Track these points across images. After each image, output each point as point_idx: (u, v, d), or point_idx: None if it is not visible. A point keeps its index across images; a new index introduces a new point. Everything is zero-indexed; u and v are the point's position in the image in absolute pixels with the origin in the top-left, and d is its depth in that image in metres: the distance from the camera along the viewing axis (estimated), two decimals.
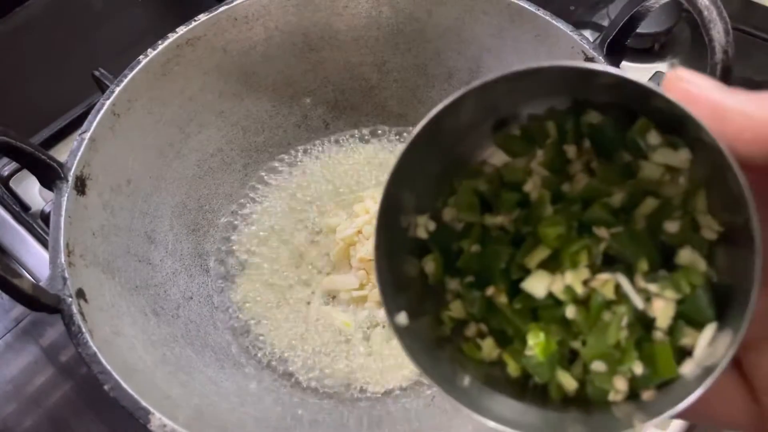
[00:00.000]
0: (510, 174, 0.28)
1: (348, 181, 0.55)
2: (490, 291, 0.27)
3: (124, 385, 0.36)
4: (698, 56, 0.65)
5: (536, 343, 0.25)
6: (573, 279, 0.25)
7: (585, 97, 0.27)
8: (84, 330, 0.37)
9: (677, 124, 0.23)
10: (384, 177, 0.50)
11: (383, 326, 0.49)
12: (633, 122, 0.26)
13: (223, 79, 0.52)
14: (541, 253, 0.26)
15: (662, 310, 0.24)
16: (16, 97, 0.68)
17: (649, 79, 0.57)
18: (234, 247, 0.53)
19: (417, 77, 0.55)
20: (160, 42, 0.48)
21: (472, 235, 0.28)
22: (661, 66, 0.65)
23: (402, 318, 0.26)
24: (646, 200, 0.26)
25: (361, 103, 0.57)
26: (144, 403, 0.36)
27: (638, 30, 0.45)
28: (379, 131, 0.58)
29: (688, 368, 0.23)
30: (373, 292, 0.49)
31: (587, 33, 0.67)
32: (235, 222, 0.54)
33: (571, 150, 0.27)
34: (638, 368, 0.24)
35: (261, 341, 0.49)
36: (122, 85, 0.46)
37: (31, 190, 0.61)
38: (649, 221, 0.26)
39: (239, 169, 0.55)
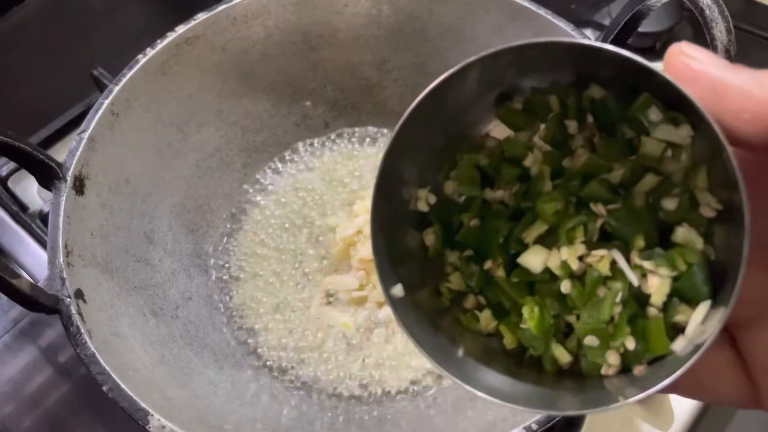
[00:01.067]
0: (511, 148, 0.28)
1: (348, 180, 0.55)
2: (488, 264, 0.27)
3: (123, 386, 0.36)
4: None
5: (531, 317, 0.26)
6: (569, 254, 0.26)
7: (588, 71, 0.26)
8: (82, 330, 0.37)
9: (679, 101, 0.23)
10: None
11: (384, 327, 0.48)
12: (636, 97, 0.25)
13: (222, 78, 0.52)
14: (539, 228, 0.26)
15: (657, 287, 0.24)
16: (14, 97, 0.68)
17: None
18: (233, 248, 0.53)
19: (417, 76, 0.55)
20: (159, 41, 0.48)
21: (472, 208, 0.28)
22: (662, 65, 0.64)
23: (398, 290, 0.26)
24: (646, 176, 0.26)
25: (361, 102, 0.57)
26: (143, 404, 0.36)
27: (639, 29, 0.44)
28: (380, 130, 0.58)
29: (679, 345, 0.23)
30: (374, 293, 0.49)
31: (588, 32, 0.66)
32: (235, 222, 0.54)
33: (572, 125, 0.27)
34: (630, 343, 0.24)
35: (260, 342, 0.49)
36: (121, 84, 0.46)
37: (29, 190, 0.61)
38: (647, 198, 0.26)
39: (238, 168, 0.55)
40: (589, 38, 0.46)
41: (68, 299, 0.38)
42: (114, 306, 0.42)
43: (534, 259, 0.26)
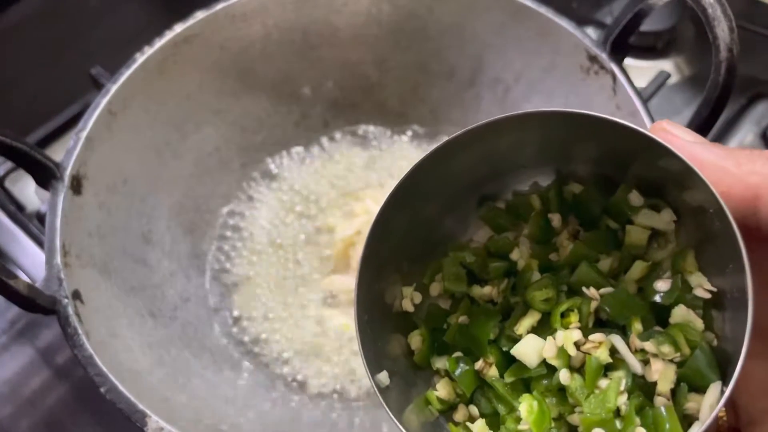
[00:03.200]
0: (497, 245, 0.28)
1: (347, 180, 0.55)
2: (479, 365, 0.26)
3: (121, 388, 0.36)
4: (702, 54, 0.65)
5: (530, 412, 0.24)
6: (565, 340, 0.24)
7: (567, 169, 0.27)
8: (80, 332, 0.37)
9: (660, 188, 0.24)
10: (384, 178, 0.49)
11: None
12: (614, 191, 0.26)
13: (220, 77, 0.51)
14: (531, 319, 0.25)
15: (662, 373, 0.23)
16: (11, 96, 0.68)
17: (653, 79, 0.56)
18: (232, 248, 0.52)
19: (418, 75, 0.54)
20: (157, 40, 0.47)
21: (460, 307, 0.27)
22: (664, 64, 0.64)
23: (383, 377, 0.25)
24: (634, 264, 0.26)
25: (360, 101, 0.56)
26: (141, 406, 0.36)
27: (641, 28, 0.44)
28: (380, 130, 0.57)
29: None
30: None
31: (589, 30, 0.66)
32: (233, 222, 0.54)
33: (555, 218, 0.28)
34: None
35: (259, 343, 0.48)
36: (119, 83, 0.45)
37: (26, 189, 0.60)
38: (639, 283, 0.25)
39: (237, 168, 0.55)
40: (590, 38, 0.46)
41: (66, 300, 0.38)
42: (112, 307, 0.41)
43: (528, 349, 0.25)
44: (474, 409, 0.26)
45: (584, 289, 0.25)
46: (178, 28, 0.48)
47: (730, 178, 0.21)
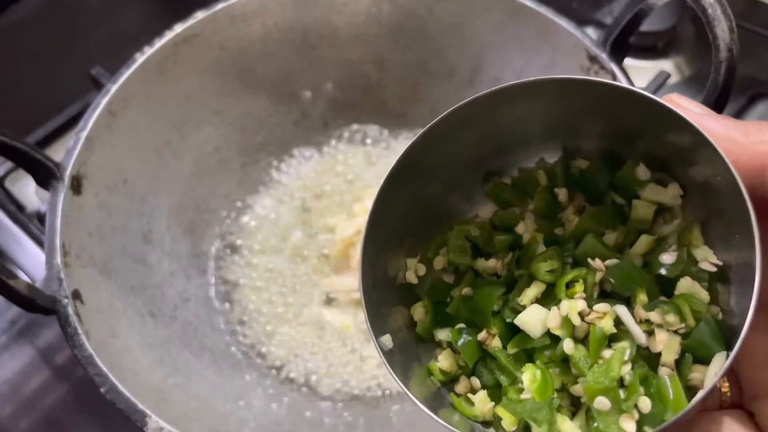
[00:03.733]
0: (502, 218, 0.28)
1: (347, 180, 0.55)
2: (482, 336, 0.26)
3: (121, 388, 0.36)
4: (702, 54, 0.65)
5: (533, 380, 0.24)
6: (569, 309, 0.24)
7: (574, 144, 0.27)
8: (80, 331, 0.37)
9: (667, 163, 0.24)
10: (384, 177, 0.49)
11: None
12: (620, 167, 0.26)
13: (220, 77, 0.51)
14: (535, 290, 0.25)
15: (666, 343, 0.23)
16: (11, 96, 0.68)
17: (653, 79, 0.56)
18: (232, 248, 0.52)
19: (418, 75, 0.54)
20: (157, 40, 0.47)
21: (465, 279, 0.27)
22: (664, 64, 0.64)
23: (386, 340, 0.25)
24: (640, 238, 0.26)
25: (360, 101, 0.56)
26: (141, 406, 0.36)
27: (641, 28, 0.44)
28: (380, 130, 0.57)
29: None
30: None
31: (589, 30, 0.66)
32: (233, 222, 0.54)
33: (562, 193, 0.27)
34: (645, 404, 0.22)
35: (259, 343, 0.48)
36: (119, 83, 0.45)
37: (26, 189, 0.60)
38: (645, 256, 0.25)
39: (237, 168, 0.55)
40: (590, 38, 0.46)
41: (66, 300, 0.38)
42: (112, 307, 0.41)
43: (532, 319, 0.24)
44: (476, 381, 0.26)
45: (589, 260, 0.25)
46: (178, 28, 0.48)
47: (738, 148, 0.21)
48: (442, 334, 0.27)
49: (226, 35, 0.50)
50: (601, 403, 0.23)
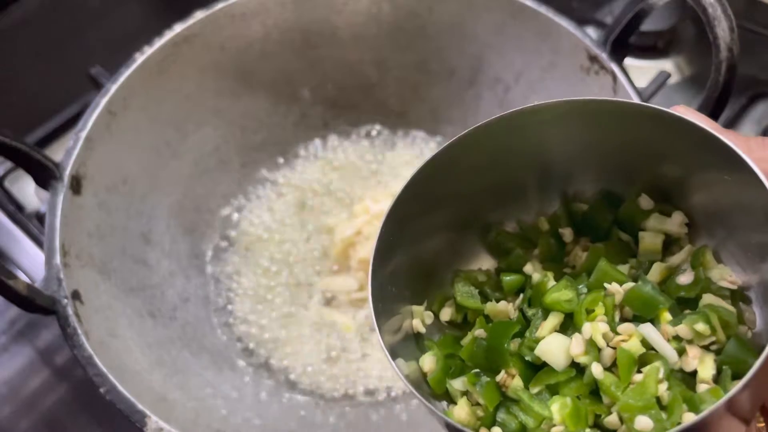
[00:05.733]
0: (510, 262, 0.27)
1: (347, 180, 0.55)
2: (500, 378, 0.24)
3: (120, 388, 0.36)
4: (703, 54, 0.65)
5: (564, 407, 0.22)
6: (593, 331, 0.23)
7: (571, 190, 0.27)
8: (79, 332, 0.37)
9: (669, 194, 0.24)
10: (384, 177, 0.49)
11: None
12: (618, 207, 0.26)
13: (220, 77, 0.51)
14: (554, 320, 0.24)
15: (701, 359, 0.22)
16: (11, 96, 0.67)
17: (653, 79, 0.56)
18: (231, 248, 0.52)
19: (418, 75, 0.54)
20: (156, 39, 0.47)
21: (477, 321, 0.26)
22: (665, 64, 0.64)
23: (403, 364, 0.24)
24: (653, 266, 0.25)
25: (360, 101, 0.56)
26: (140, 406, 0.36)
27: (642, 28, 0.44)
28: (379, 130, 0.57)
29: None
30: None
31: (590, 30, 0.66)
32: (233, 222, 0.54)
33: (567, 233, 0.27)
34: (691, 420, 0.21)
35: (259, 343, 0.48)
36: (118, 83, 0.45)
37: (26, 189, 0.60)
38: (660, 285, 0.25)
39: (237, 168, 0.55)
40: (591, 38, 0.46)
41: (65, 300, 0.38)
42: (111, 307, 0.41)
43: (554, 348, 0.23)
44: (497, 430, 0.24)
45: (606, 285, 0.24)
46: (178, 28, 0.48)
47: None
48: (457, 384, 0.25)
49: (225, 35, 0.50)
50: (643, 422, 0.21)
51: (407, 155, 0.56)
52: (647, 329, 0.23)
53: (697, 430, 0.19)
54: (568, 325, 0.24)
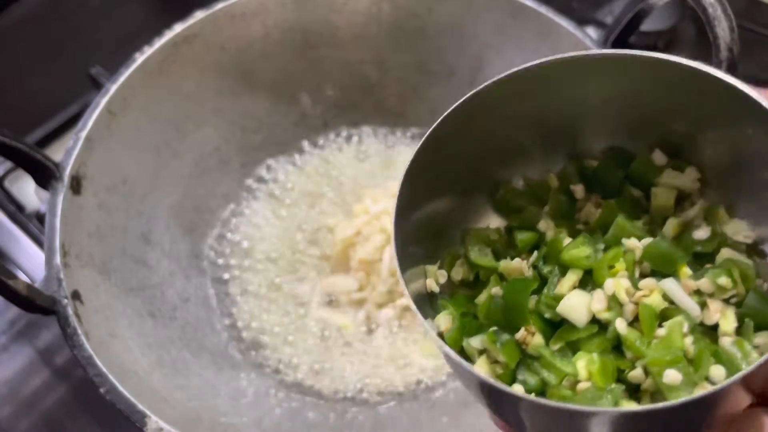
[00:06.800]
0: (522, 219, 0.27)
1: (347, 180, 0.55)
2: (520, 335, 0.24)
3: (120, 388, 0.36)
4: (703, 54, 0.65)
5: (591, 363, 0.22)
6: (616, 287, 0.23)
7: (580, 147, 0.27)
8: (79, 332, 0.37)
9: (681, 150, 0.24)
10: (384, 178, 0.49)
11: (383, 328, 0.48)
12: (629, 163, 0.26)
13: (220, 77, 0.51)
14: (573, 277, 0.24)
15: (722, 313, 0.22)
16: (11, 95, 0.67)
17: None
18: (231, 248, 0.52)
19: (417, 75, 0.54)
20: (156, 39, 0.47)
21: (491, 279, 0.26)
22: None
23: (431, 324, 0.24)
24: (668, 222, 0.25)
25: (360, 101, 0.56)
26: (140, 406, 0.36)
27: (641, 28, 0.44)
28: (379, 130, 0.57)
29: None
30: (373, 294, 0.48)
31: (590, 30, 0.66)
32: (233, 222, 0.54)
33: (578, 189, 0.27)
34: (719, 373, 0.21)
35: (259, 343, 0.48)
36: (118, 83, 0.45)
37: (26, 189, 0.60)
38: (675, 239, 0.25)
39: (237, 168, 0.55)
40: (591, 38, 0.46)
41: (65, 300, 0.38)
42: (111, 307, 0.41)
43: (576, 305, 0.23)
44: (519, 388, 0.24)
45: (625, 240, 0.24)
46: (178, 28, 0.48)
47: None
48: (475, 342, 0.25)
49: (225, 35, 0.50)
50: (671, 376, 0.21)
51: (407, 155, 0.56)
52: (669, 284, 0.23)
53: (727, 394, 0.19)
54: (586, 282, 0.24)
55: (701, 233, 0.24)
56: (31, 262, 0.54)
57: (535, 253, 0.26)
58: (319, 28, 0.53)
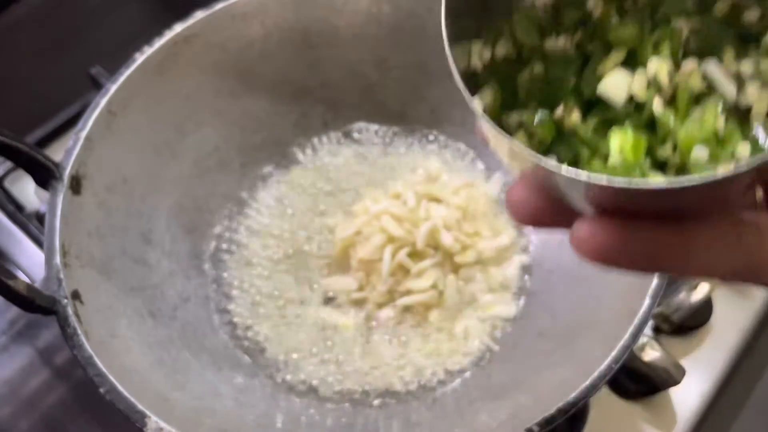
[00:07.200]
0: None
1: (347, 180, 0.55)
2: (559, 112, 0.24)
3: (120, 388, 0.36)
4: None
5: (625, 139, 0.22)
6: (658, 69, 0.23)
7: None
8: (79, 332, 0.37)
9: None
10: (384, 178, 0.49)
11: (384, 328, 0.48)
12: None
13: (220, 77, 0.51)
14: (617, 56, 0.24)
15: (759, 95, 0.22)
16: (10, 95, 0.68)
17: None
18: (231, 248, 0.52)
19: (418, 75, 0.54)
20: (156, 39, 0.47)
21: (534, 56, 0.25)
22: None
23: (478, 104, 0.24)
24: (718, 2, 0.24)
25: (360, 101, 0.56)
26: (140, 407, 0.35)
27: None
28: (380, 130, 0.57)
29: None
30: (373, 294, 0.48)
31: None
32: (233, 222, 0.54)
33: None
34: (744, 150, 0.21)
35: (259, 343, 0.48)
36: (118, 83, 0.45)
37: (26, 189, 0.60)
38: (726, 17, 0.24)
39: (237, 168, 0.55)
40: None
41: (65, 300, 0.38)
42: (111, 307, 0.41)
43: (617, 84, 0.23)
44: (553, 158, 0.24)
45: (673, 20, 0.24)
46: (178, 27, 0.48)
47: None
48: (514, 117, 0.25)
49: (225, 35, 0.50)
50: (699, 153, 0.21)
51: (407, 155, 0.56)
52: (709, 66, 0.23)
53: (735, 178, 0.19)
54: (630, 62, 0.24)
55: (752, 14, 0.24)
56: (31, 262, 0.55)
57: (581, 31, 0.26)
58: (319, 27, 0.53)
